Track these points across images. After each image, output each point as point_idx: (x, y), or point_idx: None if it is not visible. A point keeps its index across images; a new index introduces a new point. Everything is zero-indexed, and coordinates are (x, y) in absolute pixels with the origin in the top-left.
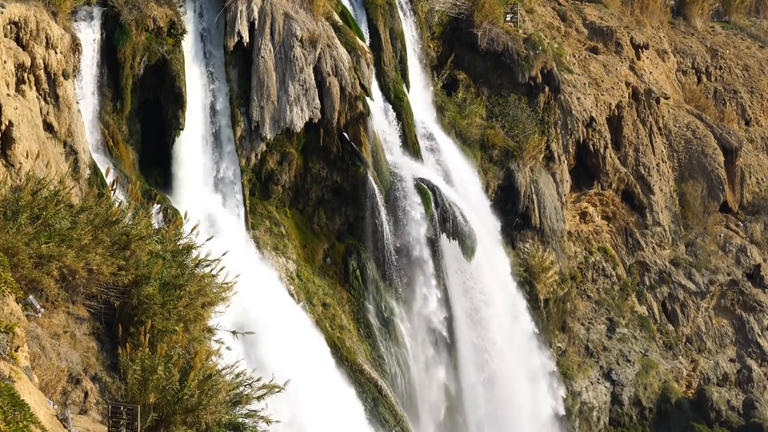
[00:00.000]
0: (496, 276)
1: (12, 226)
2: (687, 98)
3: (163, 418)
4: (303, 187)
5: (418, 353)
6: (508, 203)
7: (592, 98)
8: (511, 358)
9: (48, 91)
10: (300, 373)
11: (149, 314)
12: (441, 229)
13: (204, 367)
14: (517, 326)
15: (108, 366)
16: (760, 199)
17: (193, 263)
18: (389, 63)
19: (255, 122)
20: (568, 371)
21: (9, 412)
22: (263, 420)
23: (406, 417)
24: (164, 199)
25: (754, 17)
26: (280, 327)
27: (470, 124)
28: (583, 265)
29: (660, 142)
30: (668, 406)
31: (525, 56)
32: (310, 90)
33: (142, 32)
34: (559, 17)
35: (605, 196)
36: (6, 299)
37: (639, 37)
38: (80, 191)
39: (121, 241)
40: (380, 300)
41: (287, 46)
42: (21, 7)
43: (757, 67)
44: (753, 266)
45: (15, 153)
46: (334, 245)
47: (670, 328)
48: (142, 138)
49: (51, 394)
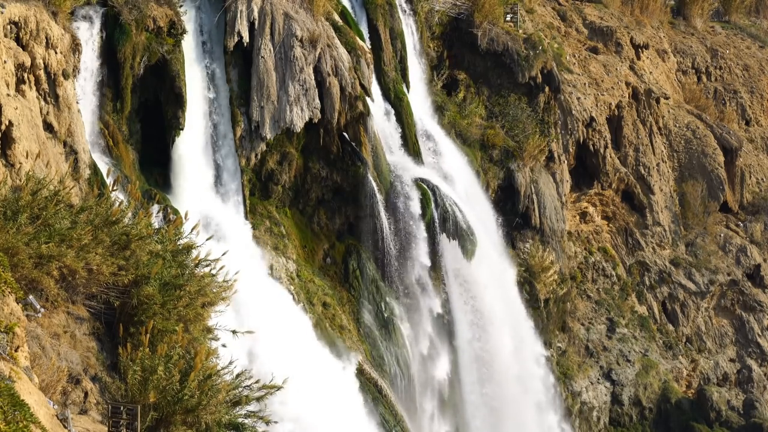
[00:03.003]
0: (496, 276)
1: (12, 226)
2: (687, 98)
3: (163, 418)
4: (303, 187)
5: (417, 353)
6: (508, 203)
7: (592, 98)
8: (511, 358)
9: (48, 91)
10: (300, 373)
11: (149, 314)
12: (441, 229)
13: (204, 368)
14: (517, 326)
15: (108, 366)
16: (760, 199)
17: (193, 263)
18: (389, 63)
19: (255, 122)
20: (568, 371)
21: (9, 412)
22: (263, 420)
23: (405, 417)
24: (164, 199)
25: (754, 17)
26: (280, 327)
27: (470, 124)
28: (583, 265)
29: (660, 142)
30: (668, 406)
31: (525, 56)
32: (310, 90)
33: (142, 32)
34: (559, 17)
35: (605, 196)
36: (6, 299)
37: (639, 37)
38: (80, 191)
39: (121, 241)
40: (380, 300)
41: (287, 46)
42: (21, 7)
43: (757, 67)
44: (753, 266)
45: (15, 153)
46: (334, 245)
47: (670, 328)
48: (142, 138)
49: (51, 394)
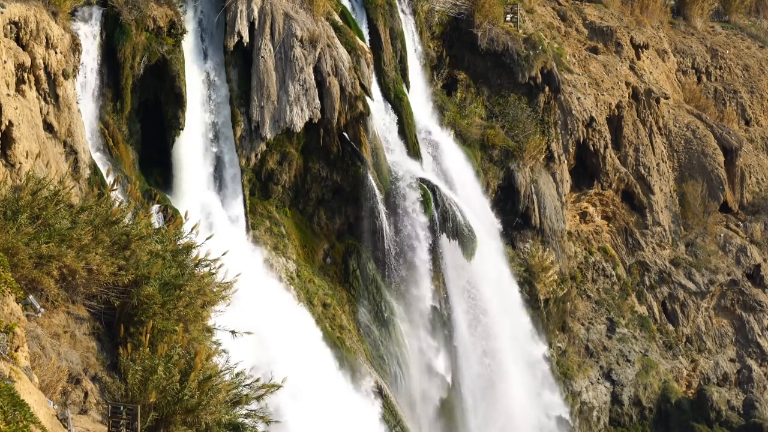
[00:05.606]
0: (496, 276)
1: (12, 226)
2: (687, 98)
3: (163, 418)
4: (303, 187)
5: (417, 353)
6: (508, 203)
7: (592, 98)
8: (510, 357)
9: (48, 91)
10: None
11: (149, 314)
12: (441, 229)
13: (204, 368)
14: (517, 325)
15: (108, 366)
16: (760, 199)
17: (192, 263)
18: (389, 63)
19: (255, 122)
20: (568, 371)
21: (9, 412)
22: (263, 420)
23: (405, 417)
24: (164, 199)
25: (754, 17)
26: (279, 327)
27: (470, 124)
28: (583, 265)
29: (660, 142)
30: (668, 406)
31: (525, 56)
32: (310, 90)
33: (142, 32)
34: (559, 17)
35: (605, 196)
36: (6, 299)
37: (639, 37)
38: (80, 191)
39: (121, 241)
40: (380, 300)
41: (287, 46)
42: (21, 7)
43: (757, 67)
44: (753, 266)
45: (15, 153)
46: (334, 245)
47: (670, 328)
48: (142, 138)
49: (51, 394)
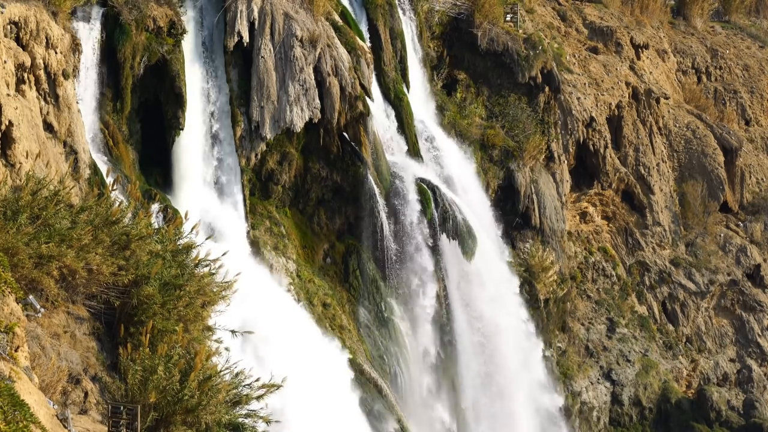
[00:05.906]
0: (496, 276)
1: (12, 226)
2: (687, 98)
3: (163, 418)
4: (303, 187)
5: (417, 353)
6: (508, 203)
7: (592, 98)
8: (510, 357)
9: (48, 91)
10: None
11: (149, 314)
12: (441, 229)
13: (204, 368)
14: (517, 325)
15: (108, 366)
16: (760, 199)
17: (192, 263)
18: (389, 63)
19: (255, 122)
20: (568, 371)
21: (9, 412)
22: (263, 420)
23: (405, 416)
24: (164, 199)
25: (754, 17)
26: (280, 327)
27: (470, 124)
28: (583, 265)
29: (660, 142)
30: (668, 406)
31: (525, 56)
32: (310, 90)
33: (142, 32)
34: (559, 17)
35: (605, 196)
36: (6, 299)
37: (639, 37)
38: (80, 191)
39: (121, 241)
40: (380, 300)
41: (287, 46)
42: (21, 7)
43: (757, 67)
44: (753, 266)
45: (15, 153)
46: (334, 245)
47: (670, 328)
48: (142, 138)
49: (51, 394)
